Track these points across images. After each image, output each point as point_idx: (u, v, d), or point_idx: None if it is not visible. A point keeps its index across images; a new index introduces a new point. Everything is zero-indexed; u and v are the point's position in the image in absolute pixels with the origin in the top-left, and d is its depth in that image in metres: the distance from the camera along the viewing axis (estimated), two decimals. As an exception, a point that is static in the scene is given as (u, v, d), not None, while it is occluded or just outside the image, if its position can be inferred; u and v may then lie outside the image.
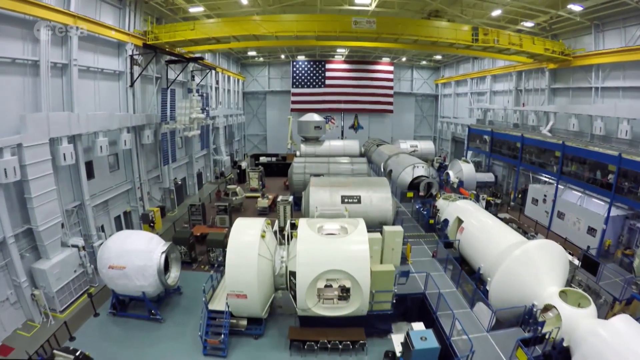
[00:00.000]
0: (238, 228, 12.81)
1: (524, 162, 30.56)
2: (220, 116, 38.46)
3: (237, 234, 12.51)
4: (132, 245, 15.08)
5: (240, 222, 13.18)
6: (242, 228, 12.83)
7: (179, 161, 30.97)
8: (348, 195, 18.36)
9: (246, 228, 12.78)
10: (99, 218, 21.26)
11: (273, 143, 52.76)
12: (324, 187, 18.81)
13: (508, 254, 14.09)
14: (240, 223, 13.11)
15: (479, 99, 42.52)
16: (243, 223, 13.15)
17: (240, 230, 12.68)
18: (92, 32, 19.50)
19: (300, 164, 27.32)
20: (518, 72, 35.10)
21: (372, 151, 38.63)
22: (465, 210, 18.32)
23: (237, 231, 12.61)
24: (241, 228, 12.83)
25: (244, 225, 13.00)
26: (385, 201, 18.36)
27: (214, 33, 21.61)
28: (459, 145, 48.14)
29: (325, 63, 49.98)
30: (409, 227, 19.90)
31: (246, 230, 12.67)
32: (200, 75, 33.50)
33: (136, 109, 23.79)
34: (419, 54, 45.85)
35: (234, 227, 12.86)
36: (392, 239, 14.96)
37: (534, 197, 28.62)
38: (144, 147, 24.73)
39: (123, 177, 23.68)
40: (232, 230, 12.63)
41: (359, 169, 26.76)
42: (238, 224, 13.02)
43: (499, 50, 26.16)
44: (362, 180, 20.31)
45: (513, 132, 31.70)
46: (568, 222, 24.93)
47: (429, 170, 26.04)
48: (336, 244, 11.87)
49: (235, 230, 12.64)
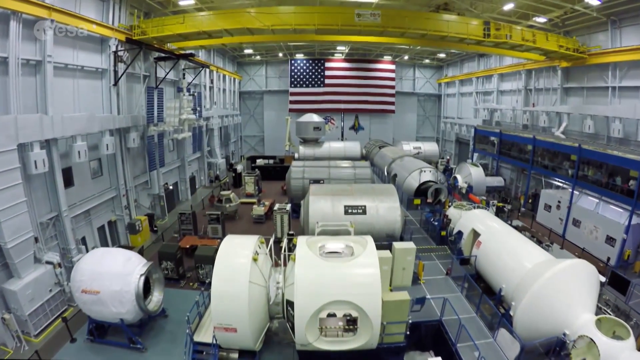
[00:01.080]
0: (226, 249, 11.02)
1: (536, 166, 28.88)
2: (214, 117, 36.65)
3: (225, 257, 10.74)
4: (106, 267, 13.29)
5: (228, 241, 11.38)
6: (230, 249, 11.04)
7: (169, 165, 29.15)
8: (352, 205, 16.61)
9: (235, 249, 10.99)
10: (80, 229, 19.51)
11: (271, 145, 50.94)
12: (325, 196, 17.06)
13: (536, 276, 12.41)
14: (229, 243, 11.31)
15: (485, 99, 40.83)
16: (232, 243, 11.36)
17: (228, 252, 10.90)
18: (69, 26, 17.73)
19: (299, 169, 25.56)
20: (527, 70, 33.44)
21: (374, 153, 36.89)
22: (481, 222, 16.59)
23: (225, 253, 10.83)
24: (229, 249, 11.04)
25: (232, 246, 11.22)
26: (393, 211, 16.62)
27: (205, 27, 19.83)
28: (463, 147, 46.47)
29: (325, 62, 48.21)
30: (418, 239, 18.19)
31: (235, 252, 10.89)
32: (193, 73, 31.71)
33: (121, 109, 21.98)
34: (422, 52, 44.14)
35: (221, 248, 11.07)
36: (403, 257, 13.23)
37: (546, 203, 26.98)
38: (130, 151, 22.91)
39: (107, 184, 21.88)
40: (219, 252, 10.86)
41: (362, 173, 24.99)
42: (226, 244, 11.23)
43: (512, 47, 24.46)
44: (367, 187, 18.56)
45: (524, 134, 30.02)
46: (584, 231, 23.30)
47: (437, 175, 24.32)
48: (341, 269, 10.10)
49: (223, 252, 10.86)
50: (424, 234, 19.39)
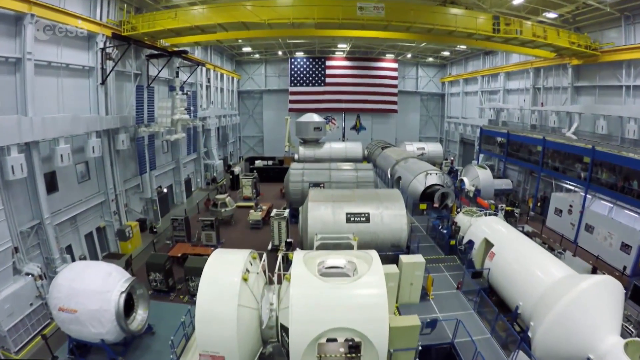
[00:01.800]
0: (212, 267, 9.80)
1: (546, 168, 27.62)
2: (211, 117, 35.45)
3: (211, 276, 9.53)
4: (84, 284, 12.11)
5: (216, 257, 10.14)
6: (217, 267, 9.83)
7: (163, 167, 27.99)
8: (354, 213, 15.40)
9: (223, 267, 9.78)
10: (65, 237, 18.42)
11: (270, 145, 49.73)
12: (325, 203, 15.85)
13: (558, 294, 11.23)
14: (216, 259, 10.08)
15: (491, 98, 39.54)
16: (219, 259, 10.13)
17: (215, 271, 9.68)
18: (52, 21, 16.61)
19: (298, 171, 24.35)
20: (536, 68, 32.15)
21: (376, 154, 35.66)
22: (494, 231, 15.36)
23: (211, 272, 9.61)
24: (216, 267, 9.82)
25: (220, 263, 9.99)
26: (398, 219, 15.40)
27: (197, 21, 18.66)
28: (467, 148, 45.20)
29: (325, 60, 46.96)
30: (425, 249, 16.99)
31: (223, 270, 9.67)
32: (188, 72, 30.55)
33: (110, 110, 20.80)
34: (425, 50, 42.86)
35: (208, 265, 9.85)
36: (411, 272, 12.05)
37: (557, 207, 25.76)
38: (119, 154, 21.74)
39: (95, 188, 20.74)
40: (205, 270, 9.64)
41: (364, 176, 23.77)
42: (213, 261, 10.00)
43: (522, 43, 23.18)
44: (370, 193, 17.34)
45: (533, 135, 28.76)
46: (598, 237, 22.11)
47: (443, 178, 23.07)
48: (342, 292, 8.89)
49: (209, 270, 9.64)
50: (430, 242, 18.17)
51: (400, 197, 16.48)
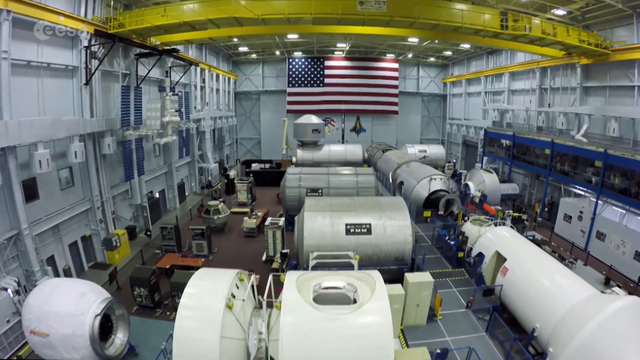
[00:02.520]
0: (192, 293, 8.59)
1: (554, 172, 26.45)
2: (206, 118, 34.24)
3: (191, 303, 8.32)
4: (55, 305, 10.93)
5: (197, 280, 8.92)
6: (198, 293, 8.61)
7: (155, 171, 26.78)
8: (354, 224, 14.20)
9: (204, 293, 8.56)
10: (47, 247, 17.27)
11: (268, 147, 48.53)
12: (323, 212, 14.65)
13: (582, 319, 10.06)
14: (197, 282, 8.85)
15: (495, 99, 38.37)
16: (201, 282, 8.91)
17: (196, 298, 8.48)
18: (30, 18, 15.48)
19: (295, 176, 23.14)
20: (542, 68, 30.98)
21: (377, 157, 34.46)
22: (506, 243, 14.17)
23: (191, 299, 8.40)
24: (197, 293, 8.61)
25: (202, 286, 8.78)
26: (402, 231, 14.21)
27: (187, 17, 17.50)
28: (470, 150, 44.02)
29: (324, 60, 45.80)
30: (431, 261, 15.80)
31: (204, 297, 8.46)
32: (182, 72, 29.38)
33: (96, 112, 19.64)
34: (427, 50, 41.69)
35: (188, 289, 8.63)
36: (418, 292, 10.86)
37: (566, 213, 24.57)
38: (106, 158, 20.55)
39: (80, 195, 19.54)
40: (184, 296, 8.43)
41: (365, 181, 22.58)
42: (193, 284, 8.76)
43: (531, 41, 22.04)
44: (372, 201, 16.13)
45: (541, 137, 27.58)
46: (610, 245, 20.99)
47: (448, 183, 21.88)
48: (341, 323, 7.70)
49: (188, 297, 8.42)
50: (436, 253, 16.96)
51: (404, 206, 15.29)
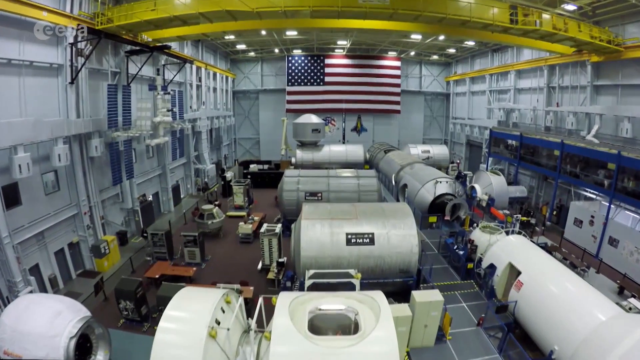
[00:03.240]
0: (172, 318, 7.53)
1: (564, 174, 25.34)
2: (202, 118, 33.17)
3: (169, 331, 7.27)
4: (29, 325, 9.91)
5: (177, 305, 7.83)
6: (178, 319, 7.56)
7: (148, 173, 25.74)
8: (356, 233, 13.13)
9: (185, 319, 7.50)
10: (31, 255, 16.32)
11: (267, 148, 47.42)
12: (322, 220, 13.58)
13: (608, 343, 9.02)
14: (178, 307, 7.75)
15: (500, 98, 37.23)
16: (182, 304, 7.84)
17: (175, 325, 7.43)
18: (10, 13, 14.49)
19: (293, 179, 22.06)
20: (550, 66, 29.84)
21: (379, 158, 33.35)
22: (520, 254, 13.09)
23: (170, 326, 7.34)
24: (177, 319, 7.55)
25: (182, 313, 7.70)
26: (408, 240, 13.15)
27: (177, 11, 16.45)
28: (474, 150, 42.90)
29: (325, 58, 44.68)
30: (438, 272, 14.73)
31: (185, 324, 7.40)
32: (176, 69, 28.33)
33: (83, 112, 18.59)
34: (430, 47, 40.53)
35: (164, 317, 7.55)
36: (426, 312, 9.80)
37: (577, 217, 23.48)
38: (93, 161, 19.49)
39: (66, 200, 18.52)
40: (162, 322, 7.36)
41: (367, 185, 21.51)
42: (173, 308, 7.70)
43: (541, 36, 20.93)
44: (374, 208, 15.03)
45: (550, 138, 26.45)
46: (623, 252, 19.99)
47: (454, 187, 20.78)
48: (342, 357, 6.64)
49: (167, 323, 7.36)
50: (443, 263, 15.88)
51: (409, 213, 14.22)
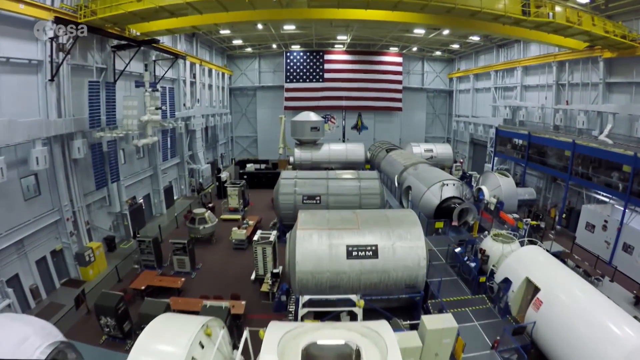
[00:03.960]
0: (142, 351, 6.32)
1: (575, 176, 24.14)
2: (197, 116, 31.91)
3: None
4: (-12, 353, 8.70)
5: (147, 339, 6.60)
6: (149, 350, 6.34)
7: (138, 175, 24.52)
8: (357, 246, 11.92)
9: (157, 356, 6.30)
10: (10, 265, 15.29)
11: (265, 146, 46.13)
12: (320, 231, 12.37)
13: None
14: (148, 342, 6.54)
15: (506, 95, 35.96)
16: (152, 343, 6.61)
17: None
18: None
19: (289, 181, 20.83)
20: (559, 62, 28.55)
21: (380, 158, 32.10)
22: (538, 268, 11.91)
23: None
24: (148, 350, 6.34)
25: (155, 342, 6.49)
26: (415, 253, 11.97)
27: (163, 1, 15.15)
28: (478, 149, 41.68)
29: (324, 54, 43.33)
30: (446, 284, 13.56)
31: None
32: (168, 65, 27.07)
33: (65, 111, 17.36)
34: (434, 42, 39.18)
35: (136, 347, 6.34)
36: (437, 340, 8.63)
37: (589, 222, 22.33)
38: (77, 164, 18.27)
39: (48, 206, 17.38)
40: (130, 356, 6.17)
41: (369, 187, 20.30)
42: (142, 343, 6.49)
43: (555, 30, 19.70)
44: (378, 215, 13.80)
45: (561, 137, 25.22)
46: (638, 259, 18.89)
47: (462, 189, 19.57)
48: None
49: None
50: (451, 275, 14.68)
51: (416, 221, 13.02)
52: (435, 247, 16.46)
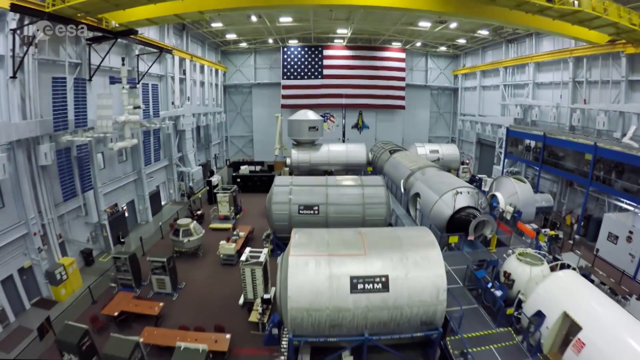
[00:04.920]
0: None
1: (596, 182, 22.19)
2: (186, 115, 29.80)
3: None
4: None
5: None
6: None
7: (120, 180, 22.46)
8: (364, 277, 9.87)
9: None
10: (-30, 285, 13.23)
11: (261, 147, 44.00)
12: (317, 256, 10.35)
13: None
14: None
15: (516, 93, 33.93)
16: None
17: None
18: None
19: (284, 189, 18.73)
20: (576, 57, 26.55)
21: (383, 160, 30.07)
22: (578, 302, 9.96)
23: None
24: None
25: None
26: (433, 284, 9.98)
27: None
28: (485, 150, 39.71)
29: (323, 49, 41.16)
30: (468, 316, 11.55)
31: None
32: (158, 61, 25.01)
33: (31, 113, 15.37)
34: (439, 37, 36.99)
35: None
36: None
37: (611, 232, 20.44)
38: (46, 171, 16.23)
39: (13, 219, 15.50)
40: None
41: (374, 195, 18.24)
42: None
43: (580, 21, 17.69)
44: (387, 236, 11.67)
45: (580, 140, 23.25)
46: (668, 274, 17.02)
47: (477, 198, 17.58)
48: None
49: None
50: (471, 301, 12.69)
51: (433, 242, 11.00)
52: (449, 266, 14.48)
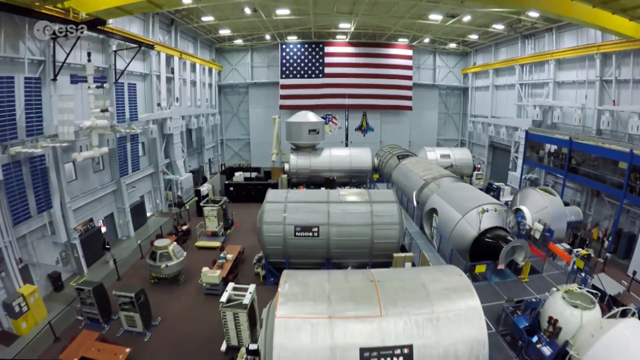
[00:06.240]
0: None
1: (631, 193, 19.57)
2: (174, 118, 27.25)
3: None
4: None
5: None
6: None
7: (96, 192, 19.95)
8: (379, 349, 7.28)
9: None
10: None
11: (258, 150, 41.38)
12: (314, 319, 7.74)
13: None
14: None
15: (534, 93, 31.25)
16: None
17: None
18: None
19: (277, 205, 16.08)
20: (603, 54, 23.89)
21: (391, 166, 27.45)
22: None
23: None
24: None
25: None
26: (471, 351, 7.44)
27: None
28: (499, 154, 37.04)
29: (324, 46, 38.54)
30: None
31: None
32: (140, 59, 22.49)
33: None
34: (449, 33, 34.39)
35: None
36: None
37: (650, 252, 17.86)
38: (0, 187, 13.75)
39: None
40: None
41: (384, 213, 15.52)
42: None
43: (623, 10, 15.11)
44: (409, 283, 8.99)
45: (613, 146, 20.65)
46: None
47: (505, 216, 14.97)
48: None
49: None
50: (507, 354, 10.17)
51: (469, 289, 8.37)
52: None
